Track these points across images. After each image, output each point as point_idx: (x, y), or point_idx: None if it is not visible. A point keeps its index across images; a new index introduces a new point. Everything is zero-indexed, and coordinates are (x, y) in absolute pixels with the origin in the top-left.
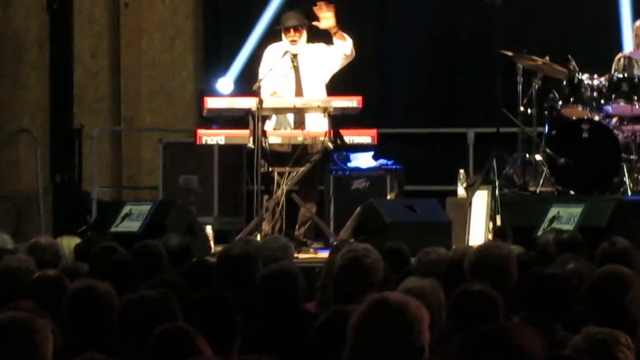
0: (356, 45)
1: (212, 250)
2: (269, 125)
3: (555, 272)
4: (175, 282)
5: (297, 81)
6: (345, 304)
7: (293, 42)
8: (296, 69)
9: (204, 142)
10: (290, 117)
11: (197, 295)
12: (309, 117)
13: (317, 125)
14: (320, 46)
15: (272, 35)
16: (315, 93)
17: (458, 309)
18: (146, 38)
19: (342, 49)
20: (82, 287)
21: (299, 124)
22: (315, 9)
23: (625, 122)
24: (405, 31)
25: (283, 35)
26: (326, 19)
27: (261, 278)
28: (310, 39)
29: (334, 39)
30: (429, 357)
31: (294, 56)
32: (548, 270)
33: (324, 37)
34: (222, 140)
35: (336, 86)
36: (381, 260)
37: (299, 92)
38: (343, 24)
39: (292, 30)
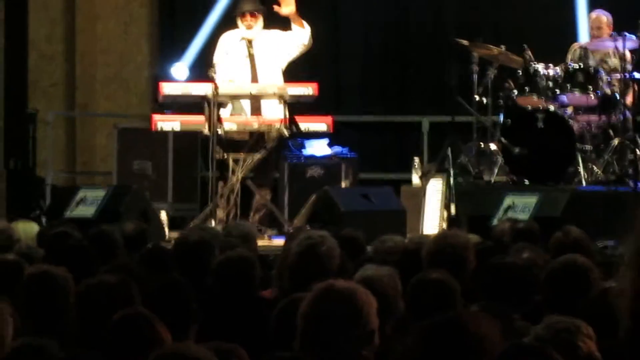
0: (312, 32)
1: (167, 236)
2: (225, 112)
3: (513, 262)
4: (131, 268)
5: (252, 68)
6: (302, 292)
7: (249, 27)
8: (252, 55)
9: (159, 129)
10: (247, 103)
11: (153, 281)
12: (265, 104)
13: (273, 112)
14: (276, 32)
15: (227, 21)
16: (271, 80)
17: (416, 297)
18: (101, 24)
19: (301, 37)
20: (38, 272)
21: (255, 110)
22: None
23: (580, 112)
24: (360, 19)
25: (239, 20)
26: (287, 4)
27: (217, 265)
28: (267, 25)
29: (293, 26)
30: (387, 346)
31: (250, 42)
32: (506, 260)
33: (280, 23)
34: (177, 127)
35: (293, 73)
36: (337, 247)
37: (254, 78)
38: (300, 11)
39: (248, 15)
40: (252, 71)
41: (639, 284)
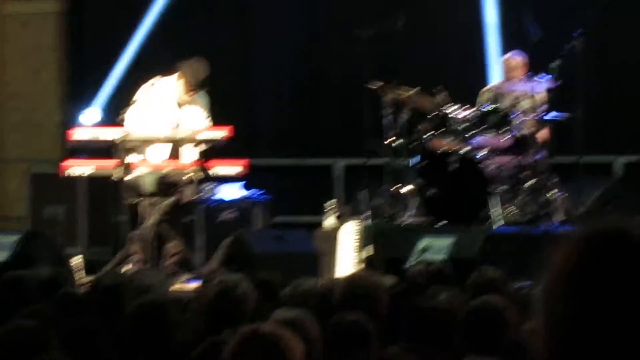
0: (223, 75)
1: (82, 280)
2: (136, 157)
3: (435, 304)
4: (46, 313)
5: (171, 113)
6: (217, 335)
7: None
8: (169, 100)
9: (68, 174)
10: (164, 149)
11: (69, 326)
12: (184, 149)
13: (191, 157)
14: (204, 104)
15: (138, 65)
16: (190, 124)
17: (333, 339)
18: (10, 69)
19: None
20: None
21: (174, 155)
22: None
23: (495, 154)
24: (274, 61)
25: (184, 84)
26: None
27: (133, 309)
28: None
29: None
30: None
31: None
32: (426, 302)
33: None
34: (89, 171)
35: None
36: (253, 290)
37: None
38: (210, 54)
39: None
40: (171, 117)
41: (552, 323)
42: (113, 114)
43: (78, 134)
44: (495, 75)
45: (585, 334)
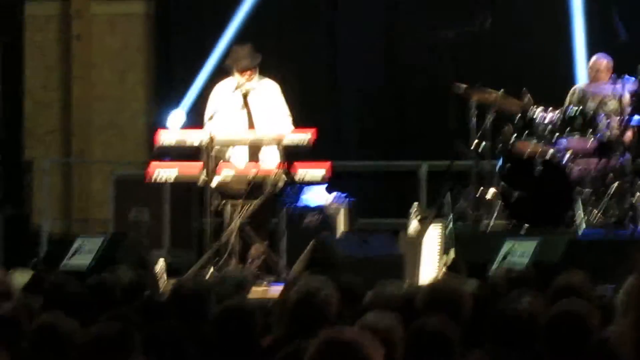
0: (309, 77)
1: (165, 283)
2: (221, 160)
3: (518, 309)
4: (129, 317)
5: (249, 116)
6: (301, 339)
7: (249, 80)
8: (247, 104)
9: (155, 177)
10: (245, 151)
11: (152, 330)
12: (263, 151)
13: (271, 160)
14: (274, 89)
15: (223, 69)
16: (269, 126)
17: (415, 344)
18: (96, 71)
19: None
20: (46, 324)
21: (254, 157)
22: None
23: (580, 156)
24: (358, 64)
25: (237, 73)
26: None
27: (217, 314)
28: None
29: None
30: None
31: (246, 93)
32: (508, 307)
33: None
34: (174, 174)
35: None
36: (336, 294)
37: (251, 125)
38: (296, 56)
39: (247, 70)
40: (249, 120)
41: (638, 325)
42: (199, 117)
43: (164, 137)
44: (581, 77)
45: None
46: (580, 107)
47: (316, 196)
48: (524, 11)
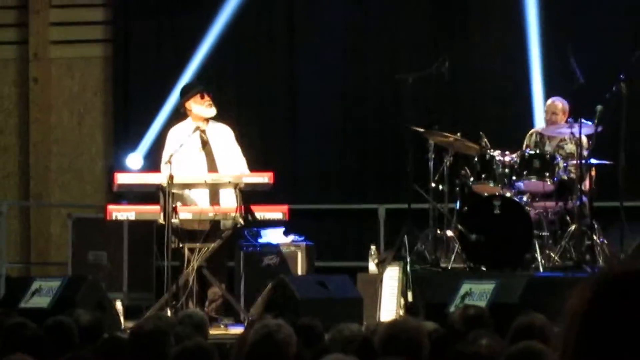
0: (267, 121)
1: (123, 326)
2: (179, 202)
3: (476, 349)
4: (89, 358)
5: (208, 157)
6: None
7: (210, 106)
8: (206, 143)
9: (114, 218)
10: (205, 193)
11: None
12: (222, 193)
13: (230, 201)
14: (228, 133)
15: (180, 112)
16: (229, 167)
17: None
18: (55, 114)
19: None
20: None
21: (214, 199)
22: None
23: (537, 199)
24: (316, 106)
25: (199, 100)
26: None
27: (175, 355)
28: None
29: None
30: None
31: (203, 132)
32: (469, 347)
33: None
34: (132, 216)
35: (248, 162)
36: (294, 335)
37: (212, 167)
38: (254, 99)
39: (206, 94)
40: (209, 160)
41: None
42: (157, 160)
43: (124, 178)
44: (539, 121)
45: None
46: (537, 150)
47: (274, 238)
48: (482, 55)
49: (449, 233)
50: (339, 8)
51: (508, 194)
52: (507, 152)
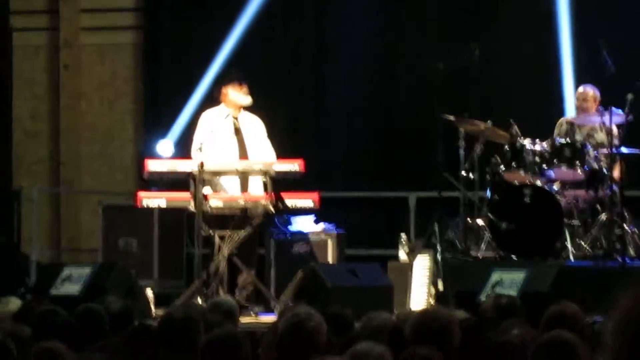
0: (296, 108)
1: (153, 313)
2: (208, 189)
3: (507, 339)
4: (119, 347)
5: (240, 143)
6: None
7: (247, 94)
8: (239, 130)
9: (144, 206)
10: (235, 180)
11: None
12: (252, 181)
13: (260, 189)
14: (259, 123)
15: (211, 98)
16: (260, 154)
17: None
18: (85, 101)
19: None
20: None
21: (244, 186)
22: None
23: (568, 187)
24: (346, 94)
25: (237, 88)
26: None
27: (205, 343)
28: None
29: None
30: None
31: (236, 118)
32: (500, 337)
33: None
34: (162, 204)
35: (278, 150)
36: (324, 324)
37: (243, 154)
38: (284, 86)
39: (244, 84)
40: (240, 147)
41: None
42: (187, 146)
43: (154, 166)
44: (569, 109)
45: None
46: (568, 139)
47: (304, 226)
48: (512, 43)
49: (480, 222)
50: None
51: (538, 183)
52: (537, 140)
